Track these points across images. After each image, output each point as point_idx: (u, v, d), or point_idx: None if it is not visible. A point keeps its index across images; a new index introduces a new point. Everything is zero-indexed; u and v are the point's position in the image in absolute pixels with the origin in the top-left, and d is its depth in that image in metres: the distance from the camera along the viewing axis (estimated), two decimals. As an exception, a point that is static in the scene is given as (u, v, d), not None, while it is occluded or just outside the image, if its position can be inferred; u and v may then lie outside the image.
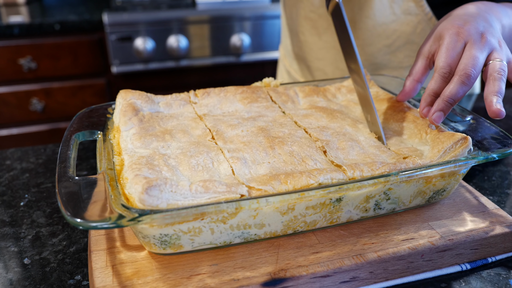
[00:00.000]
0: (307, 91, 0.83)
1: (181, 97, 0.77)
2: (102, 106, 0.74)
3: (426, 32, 0.98)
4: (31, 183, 0.81)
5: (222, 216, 0.54)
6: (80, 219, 0.48)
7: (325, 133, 0.68)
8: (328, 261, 0.56)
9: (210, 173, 0.57)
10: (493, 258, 0.64)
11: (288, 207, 0.56)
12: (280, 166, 0.59)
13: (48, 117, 2.18)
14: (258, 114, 0.74)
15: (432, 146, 0.64)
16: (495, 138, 0.66)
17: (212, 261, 0.56)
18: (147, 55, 2.09)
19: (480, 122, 0.70)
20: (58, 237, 0.67)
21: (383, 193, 0.61)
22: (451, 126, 0.71)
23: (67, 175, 0.56)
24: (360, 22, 1.00)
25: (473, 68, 0.65)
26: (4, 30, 1.93)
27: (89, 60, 2.11)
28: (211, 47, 2.21)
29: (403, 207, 0.65)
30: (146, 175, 0.53)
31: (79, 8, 2.27)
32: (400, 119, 0.72)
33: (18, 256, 0.63)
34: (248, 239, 0.58)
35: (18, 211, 0.73)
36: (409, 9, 0.96)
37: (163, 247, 0.54)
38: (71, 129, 0.67)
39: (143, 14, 2.06)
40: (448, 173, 0.63)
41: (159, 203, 0.50)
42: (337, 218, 0.61)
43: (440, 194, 0.66)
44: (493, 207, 0.67)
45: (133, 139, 0.63)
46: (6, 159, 0.89)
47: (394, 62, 1.05)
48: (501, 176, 0.83)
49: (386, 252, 0.58)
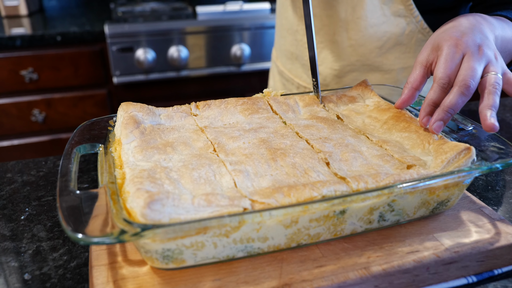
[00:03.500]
0: (307, 100, 0.83)
1: (182, 109, 0.77)
2: (103, 118, 0.74)
3: (415, 35, 1.02)
4: (32, 196, 0.80)
5: (225, 230, 0.53)
6: (82, 234, 0.47)
7: (327, 144, 0.67)
8: (333, 275, 0.55)
9: (212, 186, 0.57)
10: (499, 270, 0.63)
11: (291, 220, 0.56)
12: (282, 179, 0.58)
13: (49, 128, 2.18)
14: (259, 125, 0.73)
15: (435, 157, 0.64)
16: (498, 148, 0.66)
17: (215, 276, 0.55)
18: (148, 65, 2.09)
19: (482, 132, 0.70)
20: (59, 251, 0.66)
21: (388, 205, 0.60)
22: (453, 136, 0.70)
23: (68, 189, 0.55)
24: (352, 23, 1.03)
25: (472, 79, 0.66)
26: (6, 41, 1.94)
27: (90, 71, 2.11)
28: (211, 57, 2.22)
29: (407, 218, 0.64)
30: (148, 188, 0.53)
31: (80, 19, 2.28)
32: (403, 129, 0.72)
33: (19, 272, 0.63)
34: (252, 253, 0.57)
35: (19, 225, 0.72)
36: (399, 11, 1.00)
37: (166, 262, 0.54)
38: (72, 142, 0.67)
39: (144, 25, 2.07)
40: (452, 184, 0.63)
41: (161, 217, 0.49)
42: (341, 231, 0.60)
43: (444, 204, 0.66)
44: (498, 217, 0.67)
45: (135, 152, 0.63)
46: (7, 172, 0.89)
47: (386, 64, 1.08)
48: (505, 186, 0.82)
49: (391, 265, 0.57)
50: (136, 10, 2.28)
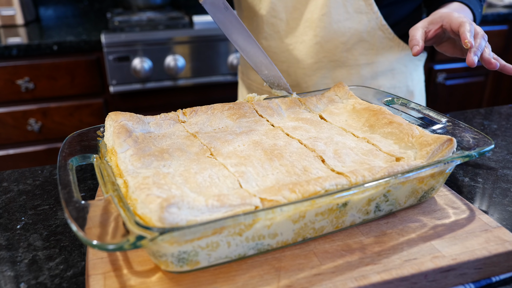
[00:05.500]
0: (289, 103, 0.87)
1: (170, 116, 0.78)
2: (90, 129, 0.74)
3: (376, 32, 1.13)
4: (27, 206, 0.80)
5: (239, 228, 0.55)
6: (97, 241, 0.48)
7: (318, 143, 0.70)
8: (331, 283, 0.55)
9: (218, 188, 0.58)
10: (497, 278, 0.63)
11: (299, 215, 0.58)
12: (284, 177, 0.61)
13: (45, 137, 2.17)
14: (249, 128, 0.75)
15: (420, 148, 0.68)
16: (472, 137, 0.73)
17: (212, 284, 0.55)
18: (145, 74, 2.10)
19: (456, 124, 0.77)
20: (55, 260, 0.66)
21: (383, 195, 0.65)
22: (430, 130, 0.76)
23: (73, 199, 0.55)
24: (317, 20, 1.11)
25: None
26: (2, 51, 1.94)
27: (87, 80, 2.11)
28: (208, 67, 2.22)
29: (398, 207, 0.69)
30: (158, 194, 0.53)
31: (77, 29, 2.29)
32: (385, 125, 0.76)
33: (15, 281, 0.62)
34: (262, 250, 0.59)
35: (15, 234, 0.72)
36: (360, 8, 1.10)
37: (180, 264, 0.54)
38: (63, 154, 0.67)
39: (141, 34, 2.08)
40: (438, 173, 0.68)
41: (178, 220, 0.50)
42: (342, 223, 0.64)
43: (429, 193, 0.72)
44: (496, 225, 0.67)
45: (132, 160, 0.63)
46: (3, 181, 0.88)
47: (351, 60, 1.16)
48: (501, 194, 0.82)
49: (389, 274, 0.57)
50: (133, 20, 2.29)
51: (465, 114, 1.25)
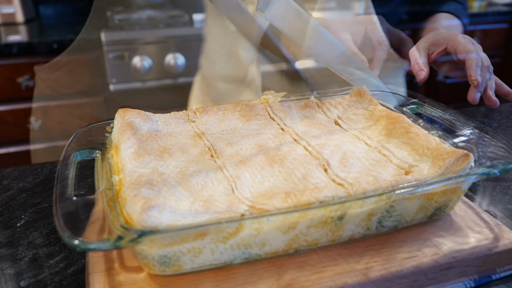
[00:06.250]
0: (304, 106, 0.83)
1: (180, 115, 0.77)
2: (100, 124, 0.73)
3: None
4: (28, 203, 0.80)
5: (222, 236, 0.53)
6: (78, 240, 0.47)
7: (325, 150, 0.67)
8: (331, 281, 0.55)
9: (210, 192, 0.56)
10: (497, 275, 0.63)
11: (289, 226, 0.55)
12: (280, 184, 0.58)
13: (46, 136, 2.17)
14: (257, 131, 0.73)
15: (434, 162, 0.63)
16: (495, 153, 0.65)
17: (213, 282, 0.55)
18: (145, 73, 2.09)
19: (480, 137, 0.70)
20: (55, 258, 0.66)
21: (386, 211, 0.60)
22: (451, 142, 0.70)
23: (65, 195, 0.55)
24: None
25: None
26: (2, 49, 1.94)
27: (87, 78, 2.11)
28: (208, 65, 2.22)
29: (405, 224, 0.64)
30: (145, 195, 0.53)
31: (77, 27, 2.28)
32: (401, 134, 0.71)
33: (15, 279, 0.62)
34: (249, 259, 0.57)
35: (15, 232, 0.72)
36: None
37: (163, 268, 0.53)
38: (69, 148, 0.66)
39: (141, 32, 2.08)
40: (450, 189, 0.63)
41: (158, 223, 0.49)
42: (339, 237, 0.60)
43: (442, 210, 0.66)
44: (495, 223, 0.67)
45: (131, 158, 0.63)
46: (3, 179, 0.88)
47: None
48: (502, 191, 0.82)
49: (390, 271, 0.57)
50: (133, 18, 2.29)
51: (465, 112, 1.25)
